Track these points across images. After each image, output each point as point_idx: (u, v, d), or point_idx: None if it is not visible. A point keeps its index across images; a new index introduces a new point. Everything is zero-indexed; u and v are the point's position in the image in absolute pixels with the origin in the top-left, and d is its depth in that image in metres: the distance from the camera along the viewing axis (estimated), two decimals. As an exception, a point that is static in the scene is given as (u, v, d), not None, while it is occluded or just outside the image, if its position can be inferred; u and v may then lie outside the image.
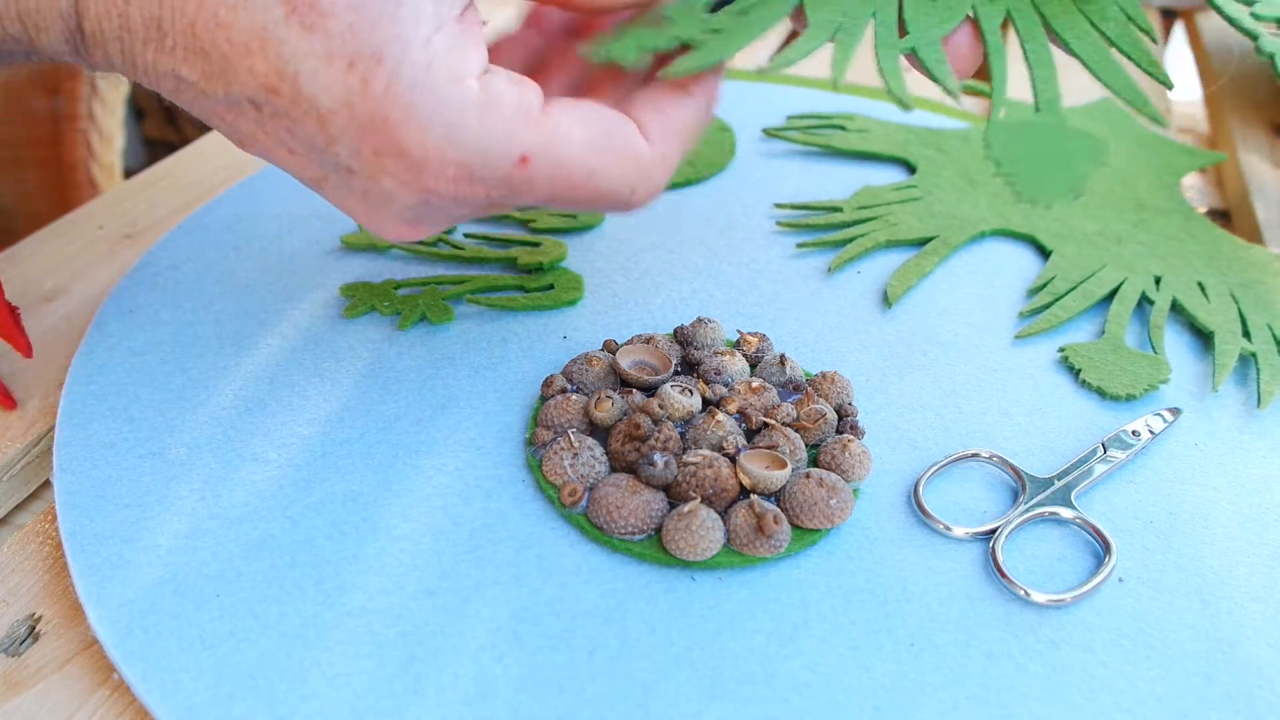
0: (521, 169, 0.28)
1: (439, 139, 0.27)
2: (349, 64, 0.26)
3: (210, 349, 0.38)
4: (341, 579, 0.30)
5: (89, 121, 0.82)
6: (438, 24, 0.27)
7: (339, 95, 0.26)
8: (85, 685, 0.29)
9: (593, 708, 0.27)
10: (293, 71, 0.26)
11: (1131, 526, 0.33)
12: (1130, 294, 0.43)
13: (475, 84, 0.27)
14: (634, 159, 0.30)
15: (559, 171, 0.29)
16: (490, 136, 0.27)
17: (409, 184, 0.28)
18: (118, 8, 0.27)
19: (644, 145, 0.30)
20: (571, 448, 0.33)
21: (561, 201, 0.30)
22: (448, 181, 0.28)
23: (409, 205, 0.29)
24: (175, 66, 0.27)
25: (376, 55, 0.26)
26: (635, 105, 0.31)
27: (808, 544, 0.32)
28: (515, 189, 0.29)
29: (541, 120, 0.28)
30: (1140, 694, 0.28)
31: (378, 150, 0.27)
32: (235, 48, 0.26)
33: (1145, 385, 0.38)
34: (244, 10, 0.26)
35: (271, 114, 0.28)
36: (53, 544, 0.33)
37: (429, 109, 0.27)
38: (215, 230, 0.45)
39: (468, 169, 0.28)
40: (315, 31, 0.26)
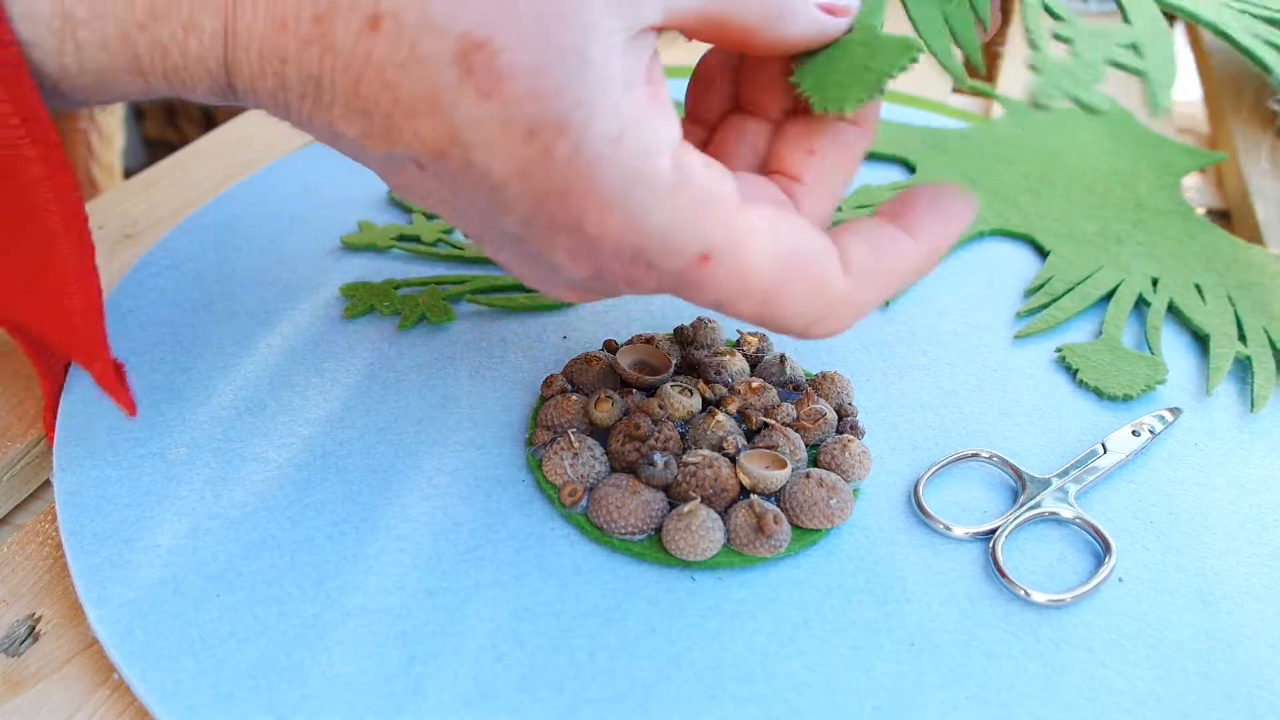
0: (700, 267, 0.25)
1: (621, 220, 0.24)
2: (528, 133, 0.23)
3: (210, 349, 0.38)
4: (341, 579, 0.30)
5: (89, 121, 0.82)
6: (626, 86, 0.24)
7: (515, 166, 0.24)
8: (85, 685, 0.29)
9: (593, 708, 0.27)
10: (465, 139, 0.24)
11: (1131, 526, 0.33)
12: (1127, 295, 0.43)
13: (667, 162, 0.24)
14: (822, 292, 0.26)
15: (737, 282, 0.25)
16: (676, 224, 0.24)
17: (581, 259, 0.26)
18: (273, 67, 0.24)
19: (839, 280, 0.26)
20: (571, 448, 0.33)
21: (733, 310, 0.26)
22: (622, 263, 0.25)
23: (578, 278, 0.27)
24: (332, 121, 0.25)
25: (560, 124, 0.23)
26: (848, 233, 0.27)
27: (808, 544, 0.32)
28: (687, 285, 0.26)
29: (734, 217, 0.25)
30: (1140, 694, 0.28)
31: (552, 223, 0.25)
32: (401, 109, 0.24)
33: (1143, 386, 0.38)
34: (414, 70, 0.23)
35: (437, 175, 0.25)
36: (53, 544, 0.33)
37: (615, 186, 0.24)
38: (215, 230, 0.45)
39: (645, 255, 0.25)
40: (492, 98, 0.23)
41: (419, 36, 0.23)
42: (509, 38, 0.23)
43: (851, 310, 0.27)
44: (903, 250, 0.27)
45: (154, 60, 0.24)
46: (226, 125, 0.58)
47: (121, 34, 0.23)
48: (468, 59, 0.23)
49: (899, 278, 0.28)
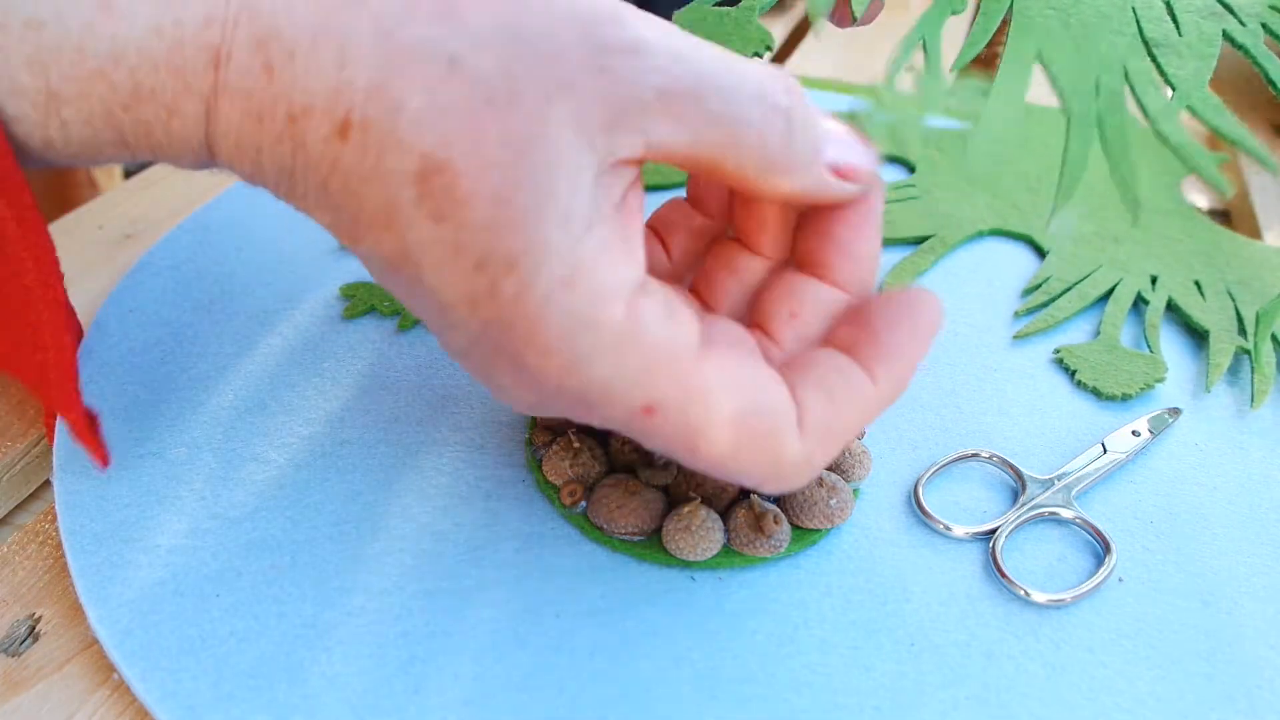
0: (644, 418, 0.24)
1: (561, 364, 0.23)
2: (476, 265, 0.23)
3: (210, 349, 0.38)
4: (341, 579, 0.30)
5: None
6: (589, 222, 0.23)
7: (462, 293, 0.23)
8: (85, 685, 0.29)
9: (593, 708, 0.27)
10: (416, 258, 0.23)
11: (1131, 526, 0.33)
12: (1125, 295, 0.43)
13: (620, 311, 0.23)
14: (777, 459, 0.25)
15: (684, 438, 0.24)
16: (619, 375, 0.23)
17: (524, 387, 0.25)
18: (249, 155, 0.24)
19: (794, 445, 0.25)
20: (571, 448, 0.33)
21: (683, 460, 0.25)
22: (564, 401, 0.25)
23: (524, 402, 0.26)
24: (307, 210, 0.25)
25: (510, 260, 0.22)
26: (806, 378, 0.26)
27: (807, 544, 0.32)
28: (632, 431, 0.25)
29: (688, 373, 0.24)
30: (1140, 694, 0.28)
31: (498, 351, 0.24)
32: (364, 216, 0.24)
33: (1141, 385, 0.38)
34: (376, 182, 0.23)
35: (395, 281, 0.25)
36: (53, 544, 0.33)
37: (558, 330, 0.23)
38: (215, 230, 0.45)
39: (586, 400, 0.24)
40: (445, 221, 0.23)
41: (383, 150, 0.23)
42: (471, 163, 0.22)
43: (806, 472, 0.26)
44: (862, 399, 0.26)
45: (138, 137, 0.24)
46: (226, 125, 0.57)
47: (106, 112, 0.23)
48: (427, 180, 0.23)
49: (855, 428, 0.26)
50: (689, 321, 0.25)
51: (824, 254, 0.27)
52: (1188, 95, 0.29)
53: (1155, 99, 0.29)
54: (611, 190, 0.24)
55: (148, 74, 0.23)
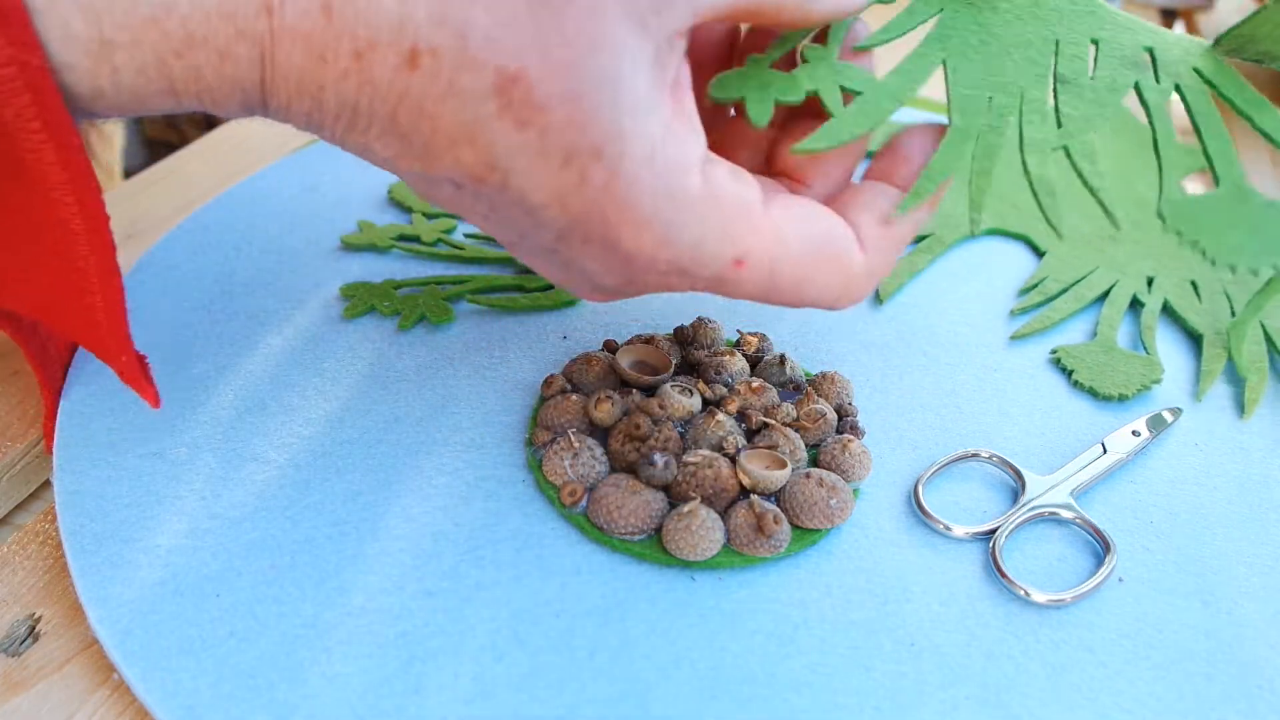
0: (734, 270, 0.27)
1: (655, 237, 0.25)
2: (565, 160, 0.24)
3: (210, 349, 0.38)
4: (341, 579, 0.30)
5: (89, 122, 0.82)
6: (654, 103, 0.25)
7: (552, 190, 0.25)
8: (85, 685, 0.29)
9: (593, 708, 0.27)
10: (503, 166, 0.25)
11: (1131, 526, 0.33)
12: (1121, 296, 0.43)
13: (697, 178, 0.25)
14: (845, 272, 0.28)
15: (771, 276, 0.27)
16: (709, 237, 0.26)
17: (614, 270, 0.27)
18: (310, 93, 0.25)
19: (858, 257, 0.28)
20: (571, 448, 0.33)
21: (765, 300, 0.28)
22: (657, 274, 0.27)
23: (610, 285, 0.28)
24: (368, 143, 0.26)
25: (595, 150, 0.24)
26: (854, 208, 0.29)
27: (808, 544, 0.32)
28: (723, 286, 0.27)
29: (761, 222, 0.26)
30: (1140, 694, 0.28)
31: (587, 239, 0.26)
32: (440, 137, 0.25)
33: (1138, 385, 0.38)
34: (453, 102, 0.24)
35: (473, 195, 0.26)
36: (53, 544, 0.33)
37: (648, 206, 0.25)
38: (215, 230, 0.45)
39: (679, 265, 0.26)
40: (529, 127, 0.24)
41: (457, 71, 0.24)
42: (543, 69, 0.23)
43: (870, 280, 0.29)
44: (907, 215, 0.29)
45: (188, 83, 0.24)
46: (226, 125, 0.58)
47: (158, 59, 0.24)
48: (505, 92, 0.24)
49: (905, 239, 0.30)
50: (751, 179, 0.27)
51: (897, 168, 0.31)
52: (1069, 135, 0.31)
53: (1036, 130, 0.31)
54: (666, 68, 0.25)
55: (200, 22, 0.23)
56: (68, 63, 0.23)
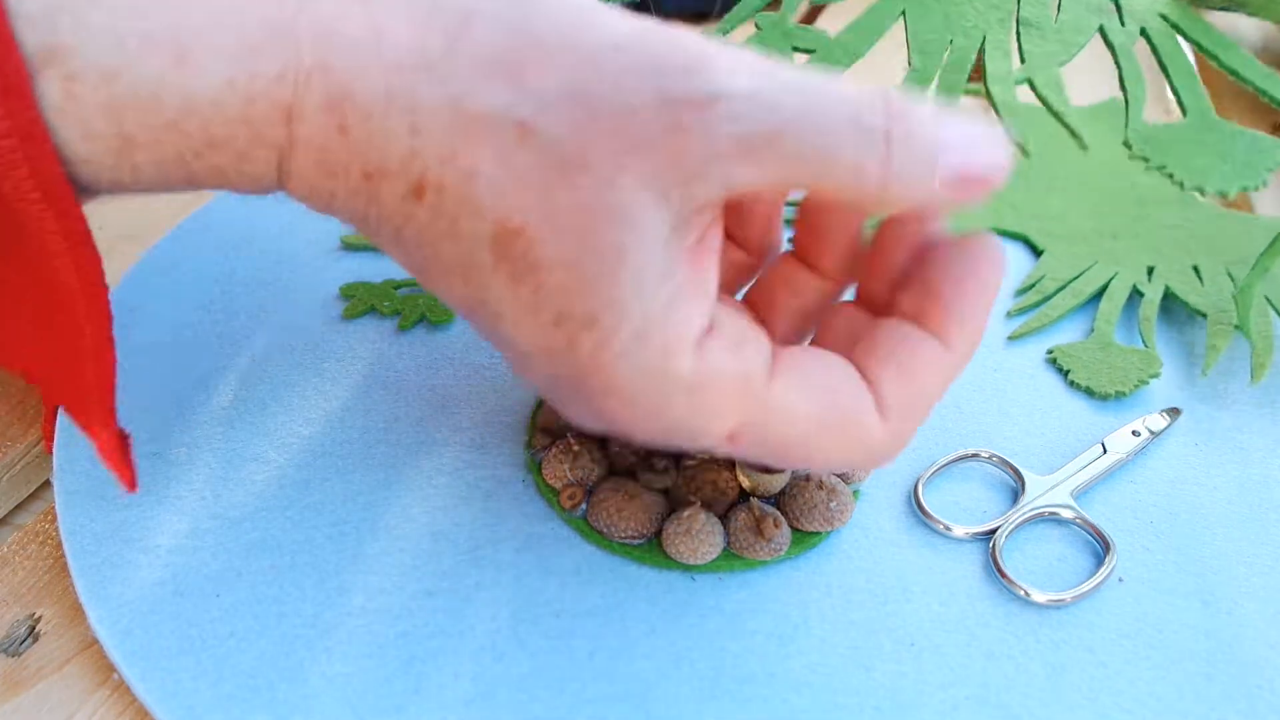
0: (729, 443, 0.25)
1: (641, 414, 0.24)
2: (555, 321, 0.23)
3: (210, 349, 0.38)
4: (341, 579, 0.30)
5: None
6: (664, 276, 0.23)
7: (539, 345, 0.24)
8: (85, 685, 0.29)
9: (593, 708, 0.27)
10: (494, 310, 0.24)
11: (1131, 526, 0.33)
12: (1119, 290, 0.43)
13: (689, 360, 0.23)
14: (862, 441, 0.25)
15: (774, 448, 0.25)
16: (698, 416, 0.24)
17: (602, 423, 0.25)
18: (322, 200, 0.25)
19: (876, 425, 0.25)
20: (571, 451, 0.33)
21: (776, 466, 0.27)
22: (645, 438, 0.25)
23: (599, 430, 0.26)
24: (381, 246, 0.26)
25: (589, 319, 0.23)
26: (876, 356, 0.25)
27: (807, 547, 0.32)
28: (724, 453, 0.26)
29: (761, 395, 0.24)
30: (1140, 694, 0.28)
31: (573, 393, 0.25)
32: (439, 266, 0.24)
33: (1135, 381, 0.38)
34: (451, 243, 0.24)
35: (476, 321, 0.26)
36: (53, 544, 0.33)
37: (635, 384, 0.23)
38: (215, 230, 0.45)
39: (668, 437, 0.25)
40: (523, 284, 0.23)
41: (459, 213, 0.23)
42: (546, 230, 0.23)
43: (894, 448, 0.26)
44: (938, 367, 0.25)
45: (209, 177, 0.24)
46: (226, 125, 0.57)
47: (178, 157, 0.24)
48: (504, 245, 0.23)
49: (936, 395, 0.26)
50: (757, 347, 0.25)
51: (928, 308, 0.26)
52: (1032, 70, 0.31)
53: (998, 64, 0.31)
54: (689, 235, 0.23)
55: (220, 126, 0.23)
56: (86, 158, 0.23)
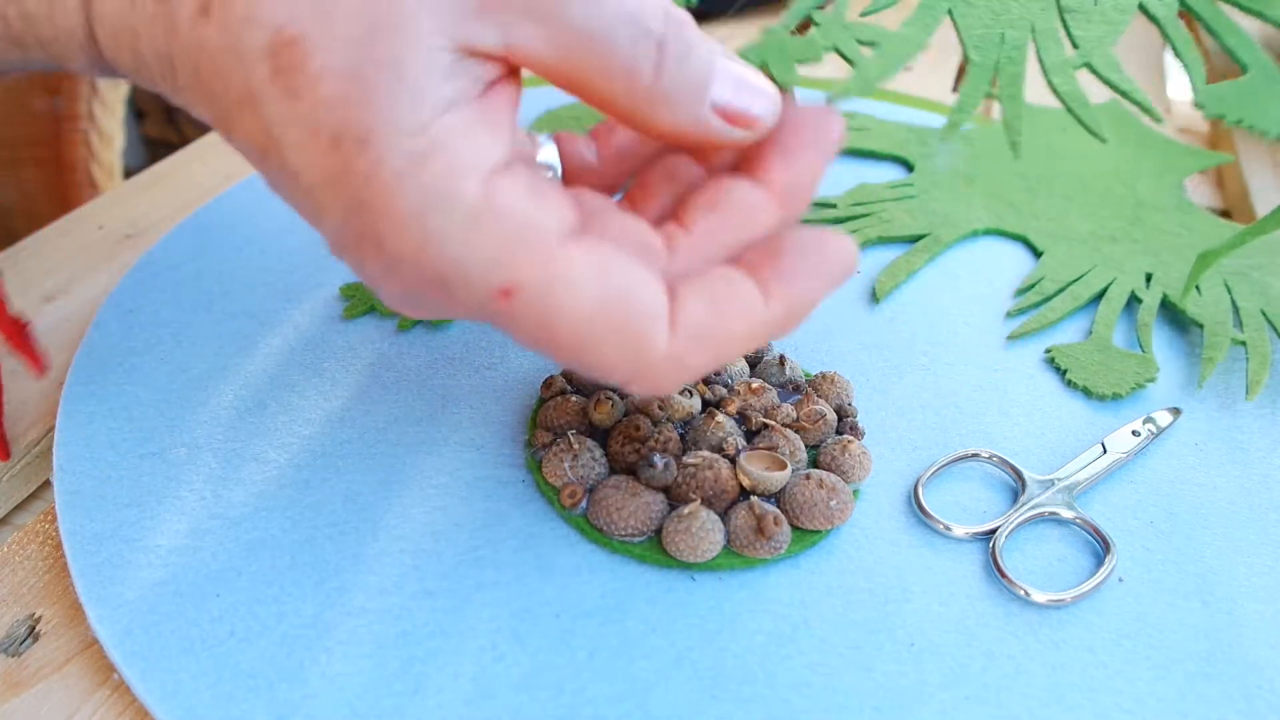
0: (502, 301, 0.23)
1: (417, 242, 0.23)
2: (331, 142, 0.23)
3: (210, 349, 0.38)
4: (341, 579, 0.30)
5: (89, 121, 0.82)
6: (447, 104, 0.23)
7: (322, 174, 0.23)
8: (85, 685, 0.29)
9: (593, 708, 0.27)
10: (277, 137, 0.23)
11: (1131, 526, 0.33)
12: (1118, 294, 0.43)
13: (474, 187, 0.23)
14: (639, 351, 0.24)
15: (543, 323, 0.24)
16: (473, 256, 0.23)
17: (390, 276, 0.25)
18: (128, 42, 0.24)
19: (660, 341, 0.24)
20: (571, 449, 0.33)
21: (541, 351, 0.25)
22: (425, 284, 0.24)
23: (393, 294, 0.25)
24: (190, 105, 0.25)
25: (363, 136, 0.22)
26: (691, 287, 0.25)
27: (808, 545, 0.32)
28: (491, 317, 0.24)
29: (549, 255, 0.23)
30: (1140, 694, 0.28)
31: (361, 236, 0.24)
32: (231, 98, 0.24)
33: (1132, 384, 0.38)
34: (235, 61, 0.23)
35: (268, 172, 0.25)
36: (53, 544, 0.33)
37: (411, 207, 0.23)
38: (215, 230, 0.45)
39: (443, 282, 0.24)
40: (299, 98, 0.23)
41: (242, 27, 0.23)
42: (323, 39, 0.22)
43: (675, 372, 0.25)
44: (749, 313, 0.25)
45: (25, 30, 0.25)
46: (226, 125, 0.57)
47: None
48: (278, 56, 0.22)
49: (740, 342, 0.25)
50: (558, 206, 0.24)
51: (764, 155, 0.26)
52: (1088, 54, 0.32)
53: (1054, 54, 0.32)
54: (474, 77, 0.23)
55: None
56: None
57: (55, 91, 0.81)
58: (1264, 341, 0.40)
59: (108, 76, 0.26)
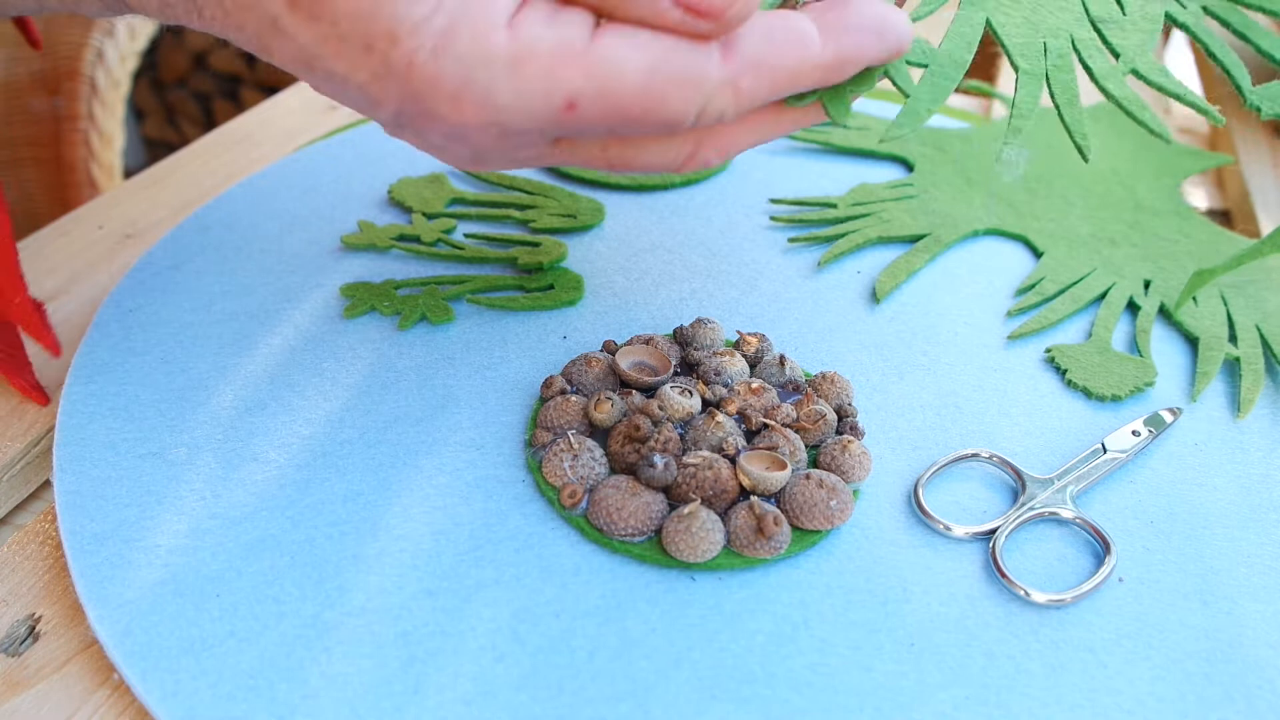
0: (569, 115, 0.26)
1: (474, 105, 0.25)
2: (366, 47, 0.25)
3: (210, 349, 0.38)
4: (341, 579, 0.30)
5: (89, 121, 0.82)
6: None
7: (367, 74, 0.26)
8: (85, 685, 0.29)
9: (593, 708, 0.27)
10: (315, 55, 0.26)
11: (1131, 526, 0.33)
12: (1118, 299, 0.43)
13: (504, 36, 0.25)
14: (697, 81, 0.26)
15: (611, 110, 0.26)
16: (528, 91, 0.25)
17: (456, 142, 0.27)
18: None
19: (715, 67, 0.26)
20: (571, 449, 0.33)
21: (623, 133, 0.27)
22: (493, 139, 0.27)
23: (463, 155, 0.28)
24: (220, 32, 0.27)
25: (390, 35, 0.25)
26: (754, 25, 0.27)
27: (808, 545, 0.32)
28: (570, 132, 0.27)
29: (586, 58, 0.25)
30: (1140, 694, 0.28)
31: (418, 115, 0.26)
32: (262, 28, 0.26)
33: (1131, 387, 0.38)
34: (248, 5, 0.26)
35: (316, 79, 0.27)
36: (53, 544, 0.33)
37: (457, 78, 0.25)
38: (215, 230, 0.45)
39: (510, 128, 0.26)
40: (320, 20, 0.25)
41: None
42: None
43: (730, 95, 0.26)
44: (801, 48, 0.27)
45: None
46: (226, 125, 0.58)
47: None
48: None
49: (791, 76, 0.27)
50: (575, 17, 0.26)
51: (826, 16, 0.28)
52: (1132, 60, 0.32)
53: (1101, 62, 0.32)
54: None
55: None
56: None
57: (55, 91, 0.81)
58: (1258, 359, 0.40)
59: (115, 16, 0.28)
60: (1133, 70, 0.32)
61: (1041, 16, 0.32)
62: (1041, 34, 0.32)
